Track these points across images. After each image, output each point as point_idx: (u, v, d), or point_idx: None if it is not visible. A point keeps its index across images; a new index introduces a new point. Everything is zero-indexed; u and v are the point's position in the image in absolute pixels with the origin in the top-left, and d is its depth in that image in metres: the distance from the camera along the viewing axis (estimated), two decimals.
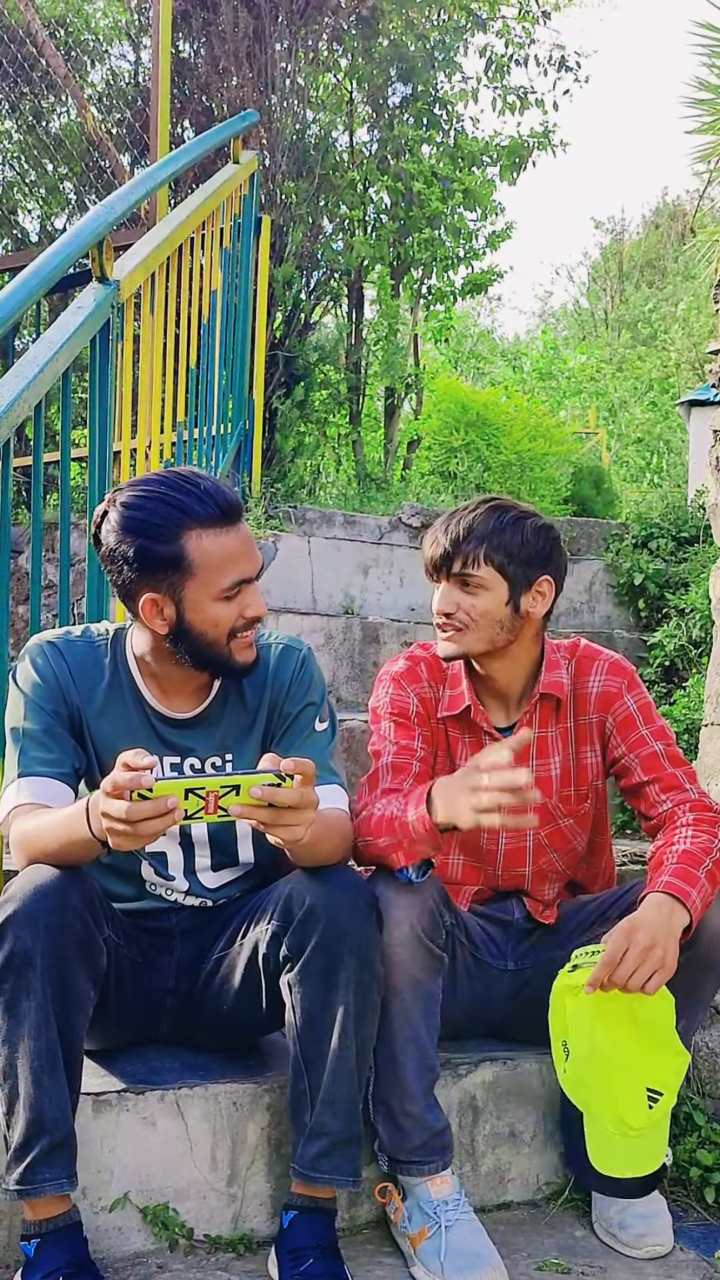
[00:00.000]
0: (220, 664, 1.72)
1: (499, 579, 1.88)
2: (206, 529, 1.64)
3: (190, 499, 1.64)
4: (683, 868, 1.75)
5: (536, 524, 1.91)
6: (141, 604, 1.66)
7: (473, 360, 15.09)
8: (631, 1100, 1.72)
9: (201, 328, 3.42)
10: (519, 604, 1.89)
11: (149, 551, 1.62)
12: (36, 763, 1.68)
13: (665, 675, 3.70)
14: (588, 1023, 1.71)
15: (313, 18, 5.72)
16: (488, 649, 1.91)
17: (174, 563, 1.63)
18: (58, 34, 5.83)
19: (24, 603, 3.78)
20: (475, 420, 5.75)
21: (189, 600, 1.65)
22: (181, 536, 1.63)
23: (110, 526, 1.65)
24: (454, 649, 1.92)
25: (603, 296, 21.06)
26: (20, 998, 1.53)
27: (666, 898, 1.72)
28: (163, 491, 1.65)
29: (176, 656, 1.71)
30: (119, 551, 1.64)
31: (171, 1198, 1.76)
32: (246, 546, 1.68)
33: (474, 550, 1.87)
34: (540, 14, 6.13)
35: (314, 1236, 1.66)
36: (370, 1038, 1.70)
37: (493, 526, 1.88)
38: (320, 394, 5.89)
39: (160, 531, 1.62)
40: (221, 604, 1.66)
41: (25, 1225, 1.59)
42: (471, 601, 1.88)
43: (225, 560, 1.65)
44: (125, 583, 1.66)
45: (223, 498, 1.66)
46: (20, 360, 2.03)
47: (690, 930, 1.72)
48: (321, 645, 3.39)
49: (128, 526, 1.63)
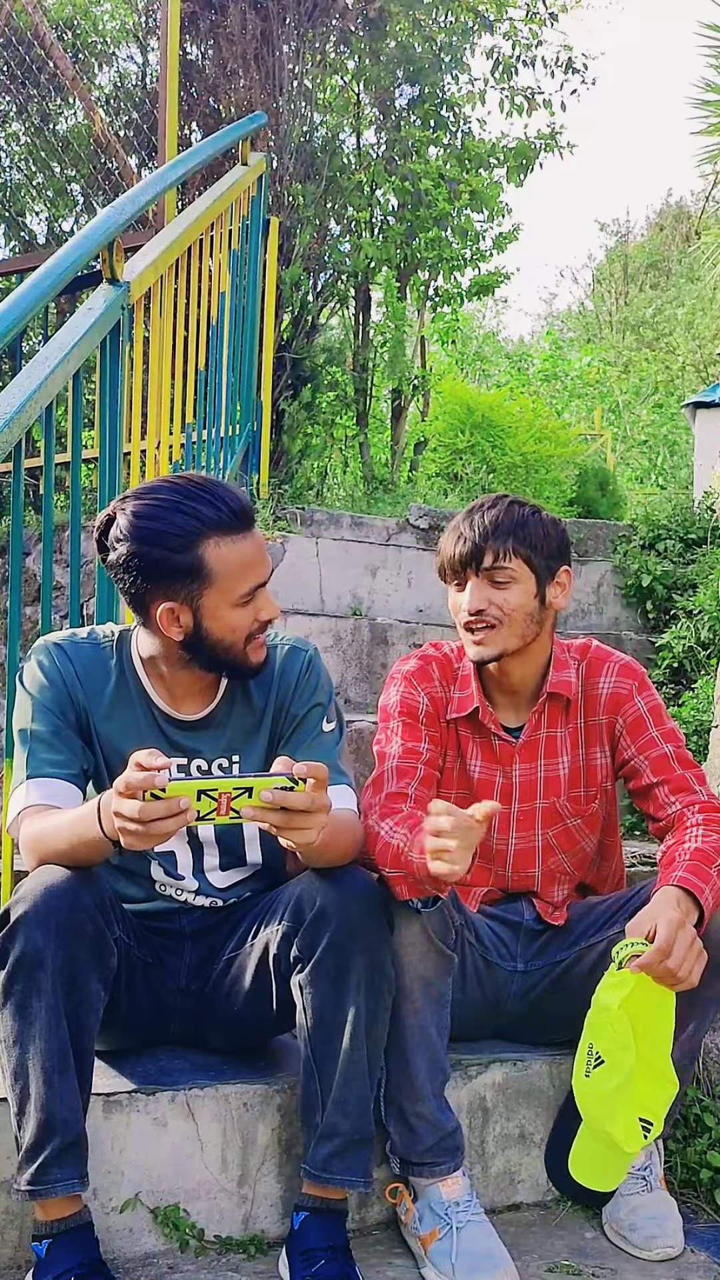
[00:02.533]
0: (234, 666, 1.72)
1: (528, 571, 1.89)
2: (224, 537, 1.63)
3: (206, 507, 1.63)
4: (696, 864, 1.75)
5: (550, 517, 1.95)
6: (158, 613, 1.65)
7: (478, 362, 15.09)
8: (630, 1124, 1.69)
9: (210, 329, 3.42)
10: (545, 596, 1.91)
11: (166, 562, 1.61)
12: (45, 764, 1.68)
13: (674, 677, 3.70)
14: (629, 1035, 1.67)
15: (320, 20, 5.73)
16: (520, 645, 1.91)
17: (192, 572, 1.62)
18: (66, 36, 5.85)
19: (29, 604, 3.79)
20: (480, 422, 5.75)
21: (207, 608, 1.65)
22: (199, 546, 1.62)
23: (120, 535, 1.63)
24: (489, 650, 1.90)
25: (607, 298, 21.06)
26: (31, 998, 1.53)
27: (681, 892, 1.71)
28: (176, 499, 1.63)
29: (188, 660, 1.71)
30: (131, 561, 1.62)
31: (182, 1198, 1.76)
32: (261, 552, 1.68)
33: (503, 544, 1.87)
34: (547, 16, 6.15)
35: (325, 1238, 1.66)
36: (381, 1038, 1.70)
37: (517, 520, 1.89)
38: (327, 395, 5.89)
39: (176, 540, 1.61)
40: (239, 610, 1.66)
41: (37, 1226, 1.59)
42: (504, 596, 1.88)
43: (243, 567, 1.64)
44: (137, 591, 1.65)
45: (238, 504, 1.65)
46: (31, 362, 2.03)
47: (701, 927, 1.72)
48: (330, 646, 3.39)
49: (140, 535, 1.61)
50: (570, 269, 37.43)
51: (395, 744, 1.93)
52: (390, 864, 1.71)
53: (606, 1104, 1.69)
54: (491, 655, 1.91)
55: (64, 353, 2.07)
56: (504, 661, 1.95)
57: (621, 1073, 1.67)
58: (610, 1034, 1.67)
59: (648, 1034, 1.69)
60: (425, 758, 1.93)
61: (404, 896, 1.72)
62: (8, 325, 1.93)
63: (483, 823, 1.50)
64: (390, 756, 1.91)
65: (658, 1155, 1.95)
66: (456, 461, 5.64)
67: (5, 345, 1.93)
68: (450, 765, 1.99)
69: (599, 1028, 1.68)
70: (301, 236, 5.35)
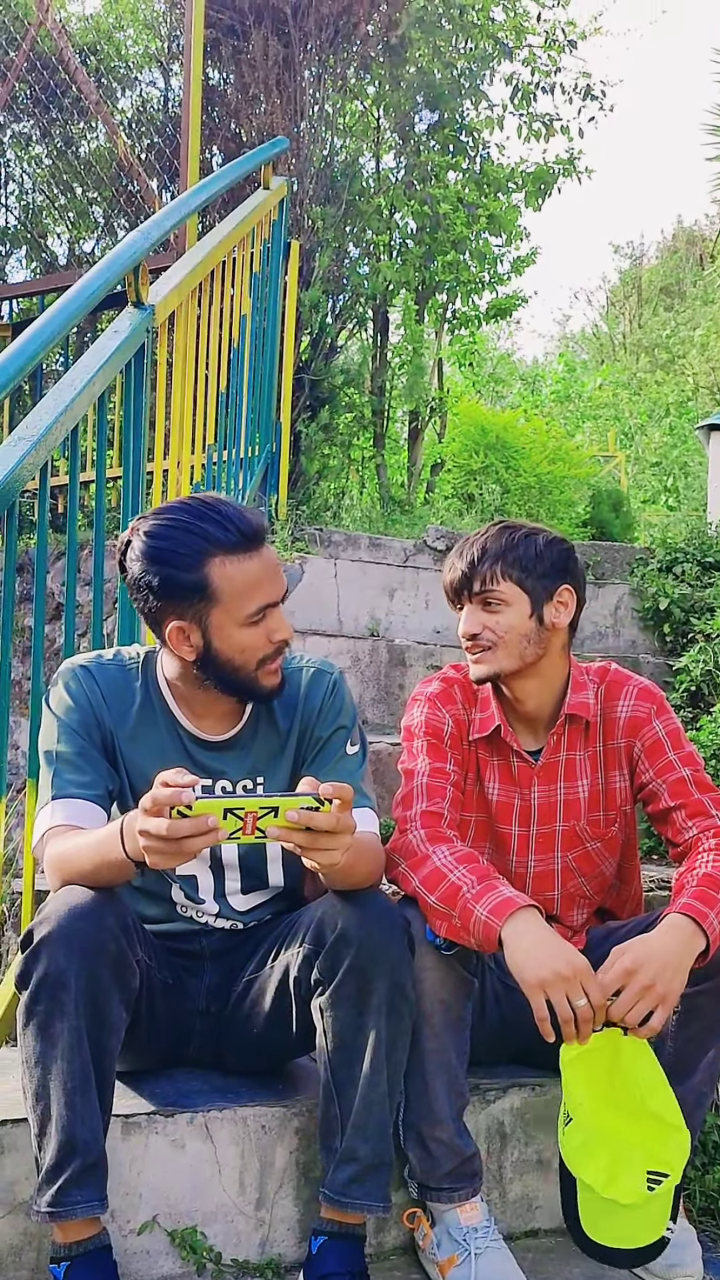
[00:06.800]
0: (246, 689, 1.73)
1: (519, 593, 1.91)
2: (229, 555, 1.65)
3: (213, 526, 1.65)
4: (703, 890, 1.75)
5: (547, 538, 1.96)
6: (168, 632, 1.68)
7: (493, 383, 15.14)
8: (630, 1179, 1.65)
9: (231, 351, 3.45)
10: (543, 616, 1.92)
11: (173, 580, 1.64)
12: (70, 785, 1.69)
13: (691, 700, 3.69)
14: (582, 1089, 1.65)
15: (341, 46, 5.79)
16: (519, 665, 1.92)
17: (198, 590, 1.64)
18: (89, 61, 5.92)
19: (50, 621, 3.80)
20: (495, 443, 5.77)
21: (214, 627, 1.67)
22: (204, 564, 1.64)
23: (134, 555, 1.67)
24: (485, 669, 1.93)
25: (621, 321, 21.12)
26: (54, 1019, 1.53)
27: (685, 919, 1.71)
28: (185, 520, 1.66)
29: (205, 681, 1.72)
30: (143, 580, 1.66)
31: (200, 1221, 1.75)
32: (270, 571, 1.69)
33: (491, 569, 1.91)
34: (566, 43, 6.19)
35: (344, 1262, 1.65)
36: (402, 1063, 1.70)
37: (505, 544, 1.92)
38: (345, 417, 5.92)
39: (183, 560, 1.64)
40: (248, 630, 1.67)
41: (55, 1248, 1.58)
42: (495, 619, 1.91)
43: (249, 586, 1.66)
44: (151, 610, 1.68)
45: (245, 523, 1.67)
46: (58, 385, 2.05)
47: (709, 953, 1.71)
48: (348, 667, 3.40)
49: (151, 555, 1.65)
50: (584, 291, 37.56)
51: (422, 761, 1.93)
52: (442, 900, 1.72)
53: (578, 1158, 1.65)
54: (488, 675, 1.93)
55: (89, 375, 2.09)
56: (516, 686, 1.95)
57: (584, 1130, 1.64)
58: (569, 1091, 1.65)
59: (627, 1086, 1.67)
60: (452, 779, 1.94)
61: (443, 935, 1.73)
62: (38, 346, 1.96)
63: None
64: (418, 773, 1.92)
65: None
66: (472, 482, 5.66)
67: (34, 366, 1.96)
68: (470, 788, 2.00)
69: (564, 1085, 1.66)
70: (321, 259, 5.39)
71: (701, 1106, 1.90)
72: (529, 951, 1.63)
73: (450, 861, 1.75)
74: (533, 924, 1.66)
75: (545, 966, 1.61)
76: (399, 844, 1.83)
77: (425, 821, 1.83)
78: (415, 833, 1.81)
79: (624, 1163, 1.65)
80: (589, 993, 1.60)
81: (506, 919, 1.66)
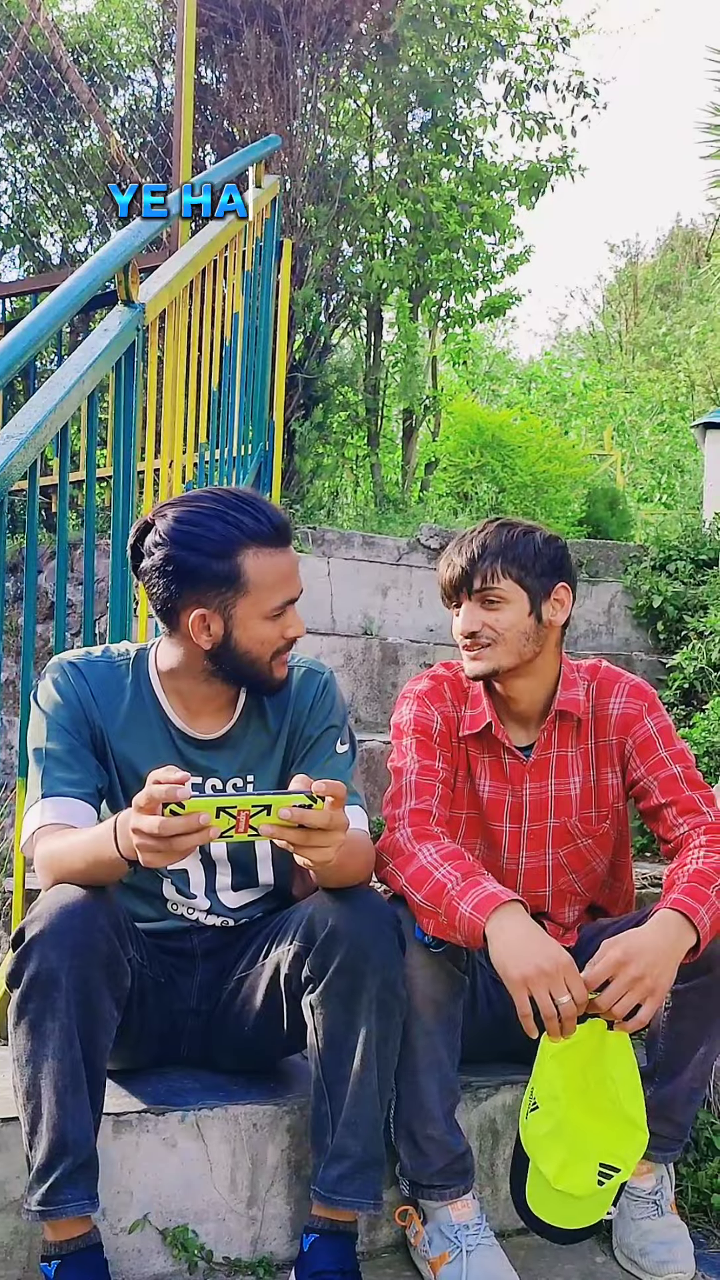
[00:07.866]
0: (257, 681, 1.74)
1: (519, 591, 1.91)
2: (263, 549, 1.66)
3: (248, 518, 1.66)
4: (693, 886, 1.75)
5: (544, 535, 1.96)
6: (190, 619, 1.67)
7: (488, 382, 15.13)
8: (571, 1169, 1.66)
9: (224, 349, 3.45)
10: (541, 614, 1.92)
11: (204, 568, 1.64)
12: (60, 783, 1.68)
13: (685, 698, 3.70)
14: (559, 1082, 1.66)
15: (334, 45, 5.79)
16: (516, 662, 1.92)
17: (229, 579, 1.65)
18: (82, 60, 5.90)
19: (41, 621, 3.80)
20: (490, 442, 5.78)
21: (239, 617, 1.67)
22: (238, 554, 1.65)
23: (159, 540, 1.66)
24: (483, 667, 1.92)
25: (617, 319, 21.11)
26: (45, 1018, 1.53)
27: (674, 914, 1.71)
28: (220, 509, 1.67)
29: (211, 672, 1.72)
30: (167, 566, 1.65)
31: (191, 1219, 1.75)
32: (295, 569, 1.71)
33: (491, 566, 1.90)
34: (559, 41, 6.18)
35: (335, 1260, 1.65)
36: (392, 1060, 1.70)
37: (504, 541, 1.92)
38: (339, 416, 5.92)
39: (216, 547, 1.64)
40: (268, 623, 1.69)
41: (46, 1246, 1.58)
42: (495, 617, 1.90)
43: (279, 579, 1.68)
44: (169, 596, 1.67)
45: (279, 519, 1.69)
46: (47, 383, 2.05)
47: (699, 949, 1.71)
48: (341, 666, 3.40)
49: (180, 540, 1.64)
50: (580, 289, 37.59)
51: (411, 759, 1.93)
52: (428, 898, 1.72)
53: (539, 1146, 1.66)
54: (485, 671, 1.93)
55: (79, 374, 2.09)
56: (509, 682, 1.96)
57: (551, 1120, 1.65)
58: (543, 1081, 1.66)
59: (603, 1083, 1.67)
60: (441, 776, 1.94)
61: (430, 932, 1.73)
62: (26, 345, 1.95)
63: None
64: (407, 771, 1.92)
65: (669, 1179, 1.94)
66: (467, 481, 5.66)
67: (24, 365, 1.95)
68: (461, 785, 2.00)
69: (537, 1073, 1.66)
70: (314, 258, 5.38)
71: (693, 1104, 1.90)
72: (512, 947, 1.63)
73: (436, 859, 1.76)
74: (516, 919, 1.66)
75: (528, 962, 1.61)
76: (387, 842, 1.83)
77: (412, 819, 1.83)
78: (403, 831, 1.81)
79: (581, 1157, 1.66)
80: (572, 989, 1.60)
81: (490, 914, 1.66)
